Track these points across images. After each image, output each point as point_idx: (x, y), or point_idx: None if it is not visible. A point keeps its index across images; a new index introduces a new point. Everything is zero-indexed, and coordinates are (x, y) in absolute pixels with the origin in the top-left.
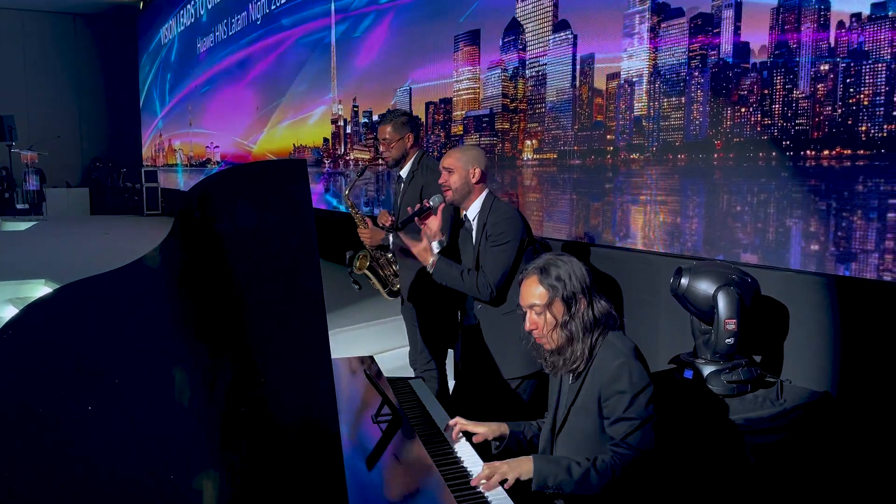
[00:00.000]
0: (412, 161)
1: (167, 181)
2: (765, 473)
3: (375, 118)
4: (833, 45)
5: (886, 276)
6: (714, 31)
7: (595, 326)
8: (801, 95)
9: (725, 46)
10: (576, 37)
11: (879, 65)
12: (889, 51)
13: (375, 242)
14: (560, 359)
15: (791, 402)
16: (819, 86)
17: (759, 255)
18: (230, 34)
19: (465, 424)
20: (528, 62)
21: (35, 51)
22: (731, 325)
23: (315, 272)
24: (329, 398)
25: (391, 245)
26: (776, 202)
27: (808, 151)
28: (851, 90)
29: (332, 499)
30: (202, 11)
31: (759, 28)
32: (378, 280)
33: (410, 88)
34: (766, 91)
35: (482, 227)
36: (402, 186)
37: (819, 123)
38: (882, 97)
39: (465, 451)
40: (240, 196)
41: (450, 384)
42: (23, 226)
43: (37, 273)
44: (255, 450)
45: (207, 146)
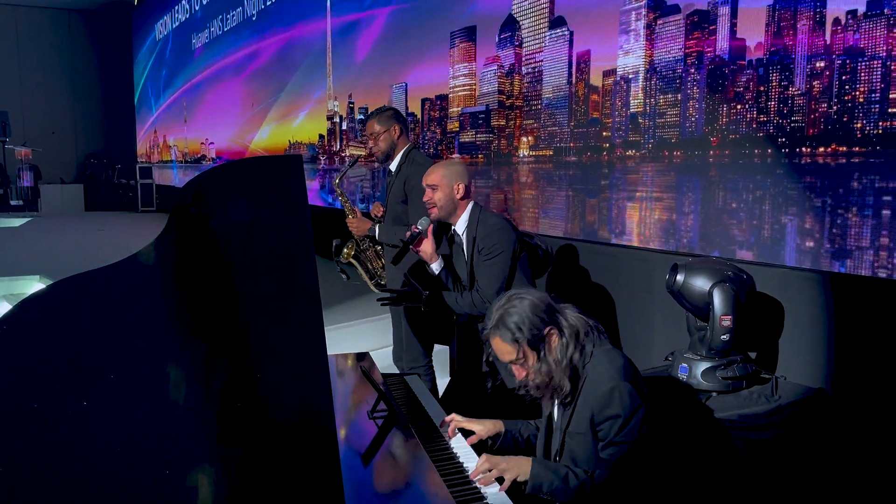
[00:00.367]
0: (401, 155)
1: (162, 178)
2: (759, 470)
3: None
4: (829, 43)
5: (881, 273)
6: (710, 28)
7: (575, 348)
8: (797, 92)
9: (721, 43)
10: (572, 33)
11: (875, 62)
12: (884, 48)
13: (362, 233)
14: (549, 393)
15: (786, 399)
16: (815, 83)
17: (755, 252)
18: (225, 30)
19: (461, 421)
20: (525, 59)
21: (29, 47)
22: (727, 322)
23: (311, 268)
24: (325, 394)
25: (376, 236)
26: (771, 199)
27: (804, 148)
28: (847, 87)
29: (329, 494)
30: (197, 7)
31: (755, 25)
32: (365, 271)
33: (406, 85)
34: (762, 88)
35: (472, 241)
36: (391, 180)
37: (814, 120)
38: (877, 94)
39: (462, 447)
40: (235, 192)
41: (441, 381)
42: (17, 222)
43: (31, 269)
44: (252, 446)
45: (202, 142)
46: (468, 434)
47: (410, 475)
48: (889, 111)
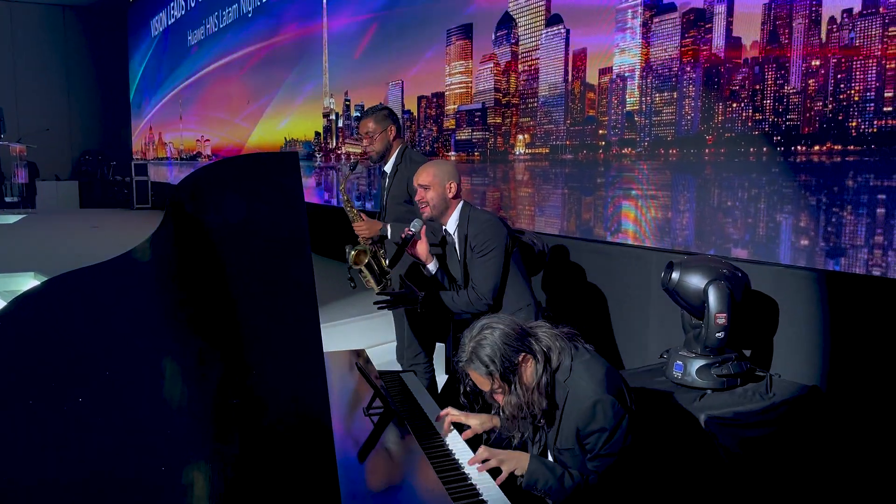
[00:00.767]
0: (396, 154)
1: (157, 175)
2: (754, 467)
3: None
4: (824, 41)
5: (875, 271)
6: (706, 27)
7: (547, 371)
8: (792, 91)
9: (717, 42)
10: (568, 31)
11: (870, 61)
12: (879, 47)
13: (374, 233)
14: (526, 421)
15: (780, 396)
16: (810, 81)
17: (750, 250)
18: (221, 27)
19: (456, 416)
20: (521, 56)
21: (24, 43)
22: (722, 320)
23: (307, 265)
24: (321, 391)
25: (389, 235)
26: (767, 197)
27: (799, 147)
28: (842, 86)
29: (324, 491)
30: (193, 4)
31: (751, 23)
32: (373, 277)
33: (402, 82)
34: (758, 86)
35: (464, 240)
36: (388, 181)
37: (810, 119)
38: (872, 93)
39: (457, 444)
40: (231, 188)
41: (438, 378)
42: (12, 219)
43: (26, 266)
44: (247, 442)
45: (198, 139)
46: (464, 428)
47: (406, 472)
48: (884, 110)
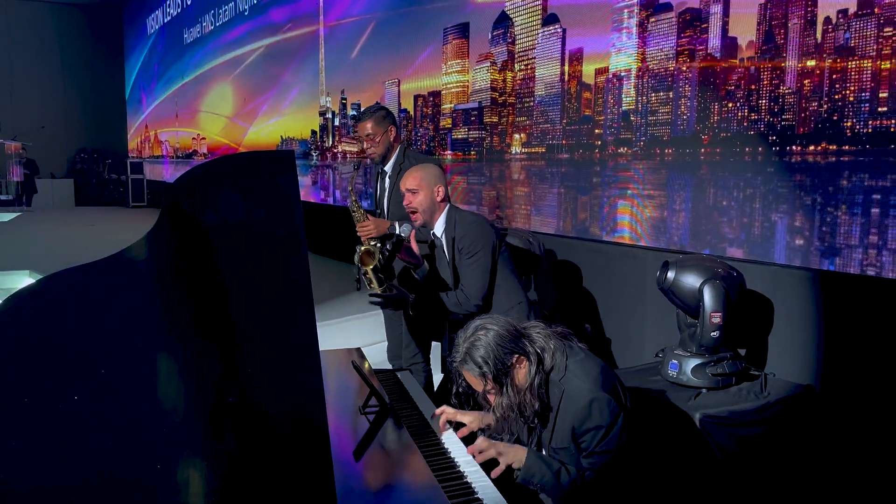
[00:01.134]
0: (397, 154)
1: (153, 173)
2: (748, 466)
3: (359, 115)
4: (819, 42)
5: (870, 271)
6: (702, 27)
7: (536, 371)
8: (788, 91)
9: (713, 42)
10: (565, 31)
11: (865, 61)
12: (874, 47)
13: (382, 232)
14: (518, 422)
15: (775, 395)
16: (805, 81)
17: (745, 250)
18: (217, 25)
19: (451, 413)
20: (517, 55)
21: (19, 40)
22: (717, 319)
23: (303, 264)
24: (317, 389)
25: (400, 231)
26: (762, 197)
27: (794, 147)
28: (837, 86)
29: (320, 490)
30: (189, 1)
31: (747, 24)
32: (377, 279)
33: (399, 81)
34: (753, 86)
35: (452, 242)
36: (390, 182)
37: (805, 119)
38: (867, 93)
39: (453, 443)
40: (227, 187)
41: (435, 377)
42: (6, 217)
43: (21, 264)
44: (243, 441)
45: (194, 138)
46: (459, 426)
47: (402, 470)
48: (879, 110)
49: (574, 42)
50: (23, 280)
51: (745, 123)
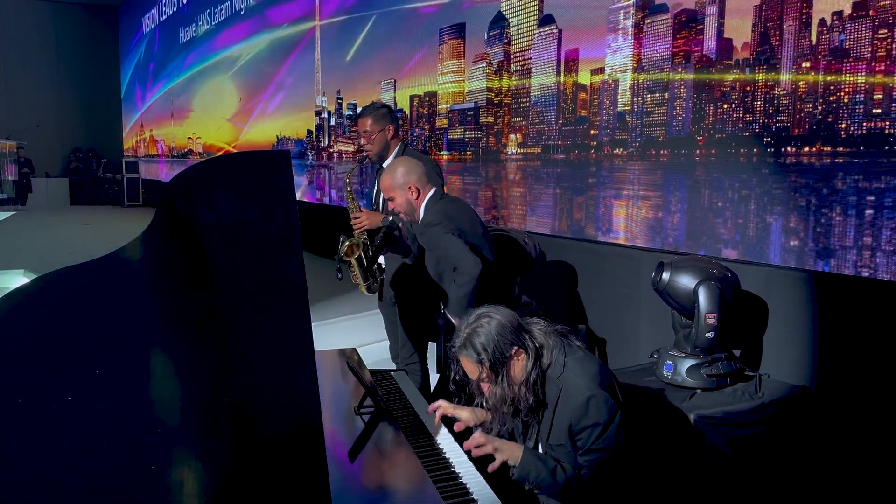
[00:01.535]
0: (395, 152)
1: (148, 172)
2: (743, 466)
3: (360, 111)
4: (814, 43)
5: (864, 272)
6: (698, 28)
7: (532, 365)
8: (783, 93)
9: (709, 43)
10: (560, 31)
11: (859, 63)
12: (869, 49)
13: (375, 225)
14: (508, 414)
15: (769, 396)
16: (800, 83)
17: (740, 251)
18: (213, 24)
19: (447, 408)
20: (513, 56)
21: (14, 39)
22: (712, 320)
23: (298, 264)
24: (312, 389)
25: (393, 224)
26: (757, 198)
27: (789, 148)
28: (832, 88)
29: (315, 490)
30: (185, 1)
31: (742, 25)
32: (361, 272)
33: (395, 81)
34: (748, 88)
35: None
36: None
37: (800, 120)
38: (862, 95)
39: (448, 444)
40: (223, 186)
41: (432, 377)
42: (1, 216)
43: (15, 264)
44: (238, 441)
45: (189, 137)
46: (454, 421)
47: (397, 471)
48: (873, 112)
49: (570, 43)
50: (17, 280)
51: (741, 125)
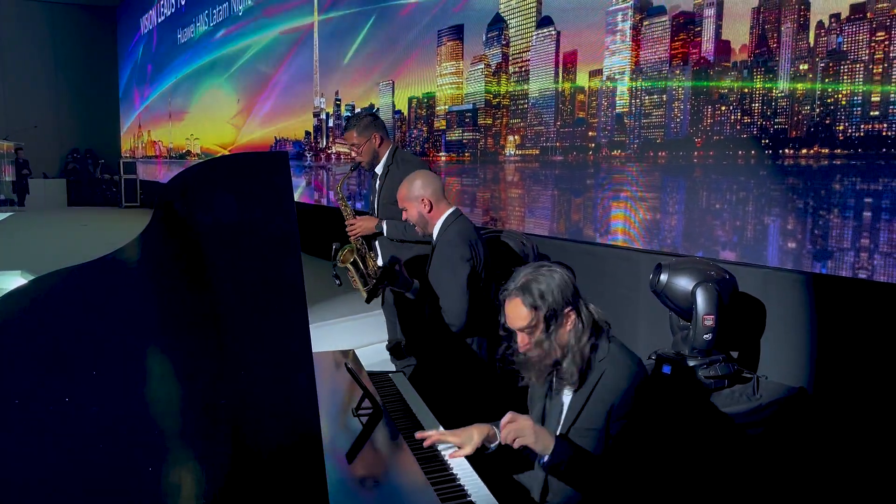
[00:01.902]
0: (386, 157)
1: (146, 173)
2: (741, 467)
3: (344, 125)
4: (812, 45)
5: (862, 274)
6: (695, 30)
7: (587, 337)
8: (781, 94)
9: (706, 45)
10: (559, 33)
11: (857, 65)
12: (867, 51)
13: (369, 230)
14: (553, 373)
15: (767, 398)
16: (798, 85)
17: (738, 253)
18: (211, 25)
19: (437, 436)
20: (512, 58)
21: (12, 40)
22: (709, 321)
23: (296, 265)
24: (310, 391)
25: (385, 232)
26: (755, 200)
27: (787, 150)
28: (830, 90)
29: (313, 492)
30: (183, 1)
31: (740, 27)
32: (360, 277)
33: (393, 82)
34: (746, 90)
35: (432, 251)
36: (379, 183)
37: (798, 122)
38: (859, 97)
39: (446, 445)
40: (221, 187)
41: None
42: None
43: (13, 265)
44: (236, 443)
45: (187, 138)
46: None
47: (395, 472)
48: (871, 114)
49: (568, 45)
50: (15, 280)
51: (738, 127)
